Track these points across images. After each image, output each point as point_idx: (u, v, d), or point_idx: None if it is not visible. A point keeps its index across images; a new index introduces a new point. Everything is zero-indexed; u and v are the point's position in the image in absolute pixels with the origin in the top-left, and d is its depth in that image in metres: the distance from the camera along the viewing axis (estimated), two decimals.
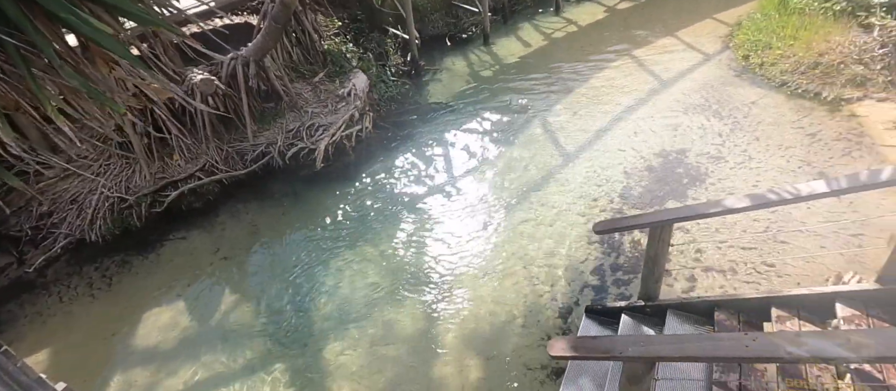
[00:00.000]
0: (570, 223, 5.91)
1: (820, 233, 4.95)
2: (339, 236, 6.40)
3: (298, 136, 7.38)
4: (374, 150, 7.87)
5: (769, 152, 6.27)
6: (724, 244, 5.13)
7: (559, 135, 7.59)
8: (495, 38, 11.32)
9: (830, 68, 7.19)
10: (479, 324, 4.98)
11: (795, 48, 7.83)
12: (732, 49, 8.93)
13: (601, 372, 3.90)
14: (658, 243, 3.71)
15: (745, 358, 2.43)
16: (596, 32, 11.00)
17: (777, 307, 3.50)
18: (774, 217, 5.28)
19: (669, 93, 8.08)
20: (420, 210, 6.65)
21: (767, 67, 7.94)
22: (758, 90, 7.61)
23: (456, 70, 10.28)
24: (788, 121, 6.75)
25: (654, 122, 7.38)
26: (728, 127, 6.92)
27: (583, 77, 9.11)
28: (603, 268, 5.29)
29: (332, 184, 7.27)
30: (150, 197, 6.78)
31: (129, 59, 1.80)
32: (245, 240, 6.59)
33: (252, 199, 7.16)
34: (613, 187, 6.30)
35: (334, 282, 5.77)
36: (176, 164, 6.98)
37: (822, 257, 4.67)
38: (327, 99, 7.89)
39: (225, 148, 7.24)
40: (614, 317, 4.27)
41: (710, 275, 4.85)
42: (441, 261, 5.81)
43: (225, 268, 6.24)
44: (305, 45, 8.25)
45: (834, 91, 6.91)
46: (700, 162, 6.37)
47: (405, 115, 8.78)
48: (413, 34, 9.90)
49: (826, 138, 6.26)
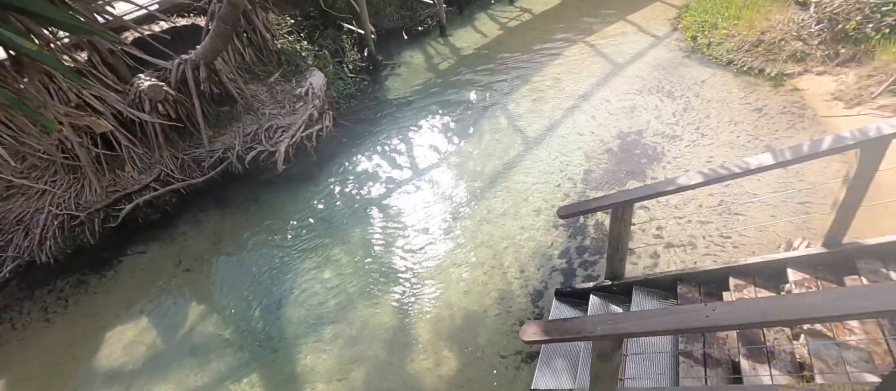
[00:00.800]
0: (535, 209, 6.00)
1: (770, 204, 5.21)
2: (305, 238, 6.29)
3: (257, 139, 7.20)
4: (336, 148, 7.76)
5: (720, 129, 6.53)
6: (682, 220, 5.33)
7: (519, 122, 7.68)
8: (452, 29, 11.31)
9: (772, 45, 7.54)
10: (453, 316, 5.01)
11: (739, 27, 8.16)
12: (681, 30, 9.23)
13: (574, 352, 3.99)
14: (620, 223, 3.83)
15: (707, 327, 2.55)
16: (550, 20, 11.14)
17: (734, 276, 3.67)
18: (728, 191, 5.51)
19: (624, 76, 8.29)
20: (386, 206, 6.62)
21: (714, 47, 8.25)
22: (707, 69, 7.90)
23: (414, 63, 10.23)
24: (736, 97, 7.04)
25: (611, 105, 7.56)
26: (681, 106, 7.16)
27: (540, 64, 9.23)
28: (569, 251, 5.41)
29: (295, 186, 7.13)
30: (103, 212, 6.48)
31: (62, 71, 1.70)
32: (208, 250, 6.39)
33: (213, 207, 6.95)
34: (575, 171, 6.43)
35: (303, 284, 5.68)
36: (128, 175, 6.69)
37: (773, 226, 4.91)
38: (285, 99, 7.71)
39: (180, 156, 6.99)
40: (583, 297, 4.38)
41: (671, 250, 5.03)
42: (410, 255, 5.80)
43: (188, 280, 6.04)
44: (257, 44, 8.03)
45: (776, 67, 7.25)
46: (656, 141, 6.58)
47: (365, 111, 8.68)
48: (368, 29, 9.78)
49: (771, 112, 6.56)
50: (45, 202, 6.37)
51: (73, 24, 1.68)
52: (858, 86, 6.29)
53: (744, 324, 2.33)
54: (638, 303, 3.99)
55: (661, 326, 2.50)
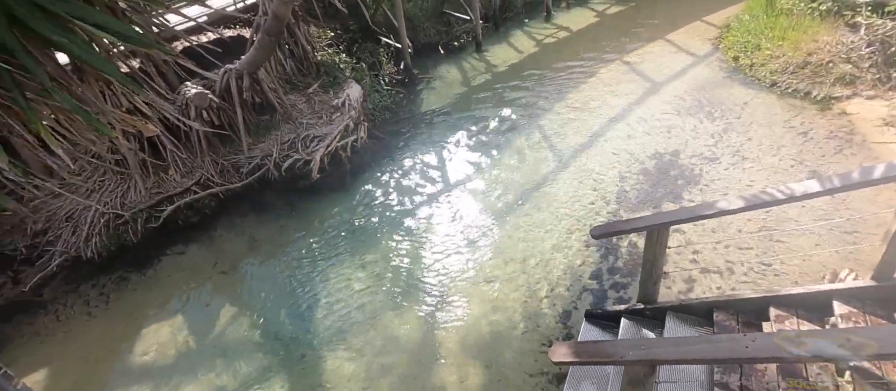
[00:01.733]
0: (566, 228, 5.93)
1: (815, 232, 5.00)
2: (337, 246, 6.39)
3: (294, 148, 7.39)
4: (370, 159, 7.88)
5: (762, 152, 6.33)
6: (720, 245, 5.17)
7: (554, 139, 7.63)
8: (487, 45, 11.39)
9: (819, 67, 7.29)
10: (480, 331, 4.98)
11: (784, 48, 7.93)
12: (722, 51, 9.03)
13: (603, 376, 3.90)
14: (656, 246, 3.74)
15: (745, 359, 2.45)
16: (587, 38, 11.09)
17: (775, 306, 3.52)
18: (769, 217, 5.33)
19: (661, 95, 8.15)
20: (417, 217, 6.66)
21: (757, 68, 8.04)
22: (749, 91, 7.69)
23: (449, 78, 10.33)
24: (780, 120, 6.82)
25: (648, 125, 7.44)
26: (721, 127, 6.98)
27: (575, 82, 9.18)
28: (601, 271, 5.31)
29: (328, 194, 7.26)
30: (146, 212, 6.75)
31: (120, 79, 1.81)
32: (243, 254, 6.56)
33: (249, 212, 7.15)
34: (609, 190, 6.33)
35: (333, 292, 5.76)
36: (171, 178, 6.96)
37: (817, 255, 4.71)
38: (322, 109, 7.90)
39: (220, 161, 7.24)
40: (614, 320, 4.28)
41: (707, 276, 4.88)
42: (439, 268, 5.81)
43: (223, 282, 6.21)
44: (299, 56, 8.27)
45: (824, 90, 7.00)
46: (694, 163, 6.42)
47: (400, 123, 8.80)
48: (405, 43, 9.95)
49: (818, 137, 6.33)
50: (93, 201, 6.68)
51: (134, 37, 1.78)
52: None
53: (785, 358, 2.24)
54: (671, 329, 3.87)
55: (698, 355, 2.43)
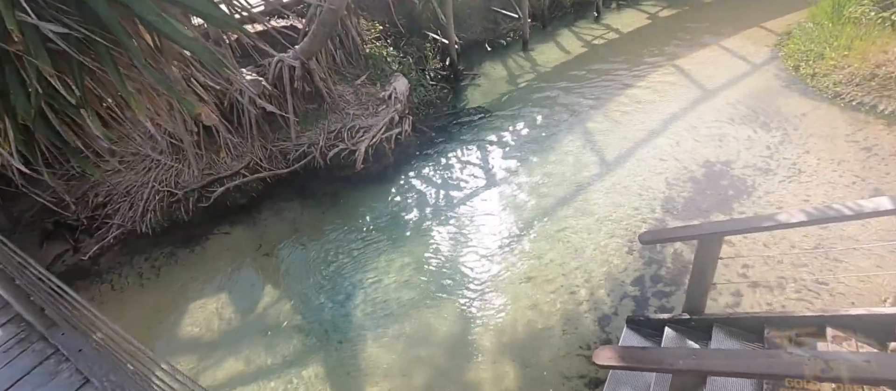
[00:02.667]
0: (609, 232, 5.84)
1: (876, 252, 4.76)
2: (377, 236, 6.49)
3: (339, 138, 7.54)
4: (413, 152, 7.96)
5: (821, 166, 6.06)
6: (772, 260, 4.98)
7: (599, 143, 7.52)
8: (534, 44, 11.29)
9: (888, 80, 6.90)
10: (516, 330, 4.98)
11: (850, 59, 7.54)
12: (781, 59, 8.66)
13: (642, 384, 3.83)
14: (707, 256, 3.64)
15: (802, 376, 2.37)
16: (637, 40, 10.84)
17: (832, 326, 3.37)
18: (826, 233, 5.10)
19: (714, 102, 7.89)
20: (458, 213, 6.69)
21: (819, 78, 7.67)
22: (809, 102, 7.36)
23: (495, 75, 10.30)
24: (842, 134, 6.51)
25: (698, 132, 7.22)
26: (776, 139, 6.71)
27: (624, 85, 9.00)
28: (643, 279, 5.21)
29: (371, 185, 7.38)
30: (198, 192, 7.04)
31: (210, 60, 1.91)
32: (286, 238, 6.76)
33: (294, 198, 7.35)
34: (655, 197, 6.20)
35: (372, 281, 5.86)
36: (223, 161, 7.23)
37: (878, 277, 4.48)
38: (368, 101, 8.03)
39: (269, 147, 7.46)
40: (657, 329, 4.19)
41: (756, 290, 4.72)
42: (478, 265, 5.83)
43: (266, 264, 6.42)
44: (349, 48, 8.43)
45: (892, 104, 6.63)
46: (746, 174, 6.21)
47: (444, 118, 8.85)
48: (452, 39, 9.97)
49: (883, 153, 6.00)
50: (150, 178, 7.01)
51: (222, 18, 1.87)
52: None
53: (846, 378, 2.15)
54: (718, 342, 3.76)
55: (753, 369, 2.37)
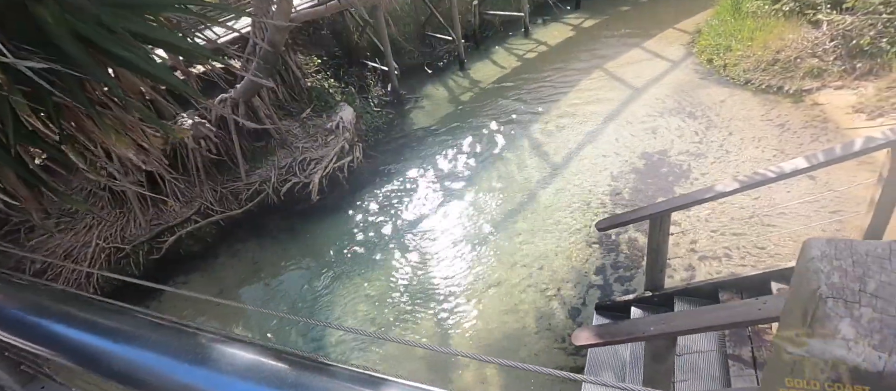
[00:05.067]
0: (567, 229, 6.12)
1: (802, 214, 5.27)
2: (342, 265, 6.45)
3: (292, 172, 7.48)
4: (367, 178, 8.01)
5: (744, 145, 6.65)
6: (715, 233, 5.40)
7: (544, 147, 7.88)
8: (471, 63, 11.72)
9: (788, 63, 7.72)
10: (493, 334, 5.09)
11: (754, 48, 8.37)
12: (696, 54, 9.48)
13: (620, 364, 4.04)
14: (659, 233, 3.93)
15: (759, 319, 2.62)
16: (565, 51, 11.50)
17: (776, 281, 3.73)
18: (758, 203, 5.59)
19: (643, 99, 8.50)
20: (419, 232, 6.78)
21: (730, 68, 8.46)
22: (725, 89, 8.09)
23: (437, 96, 10.58)
24: (758, 115, 7.19)
25: (634, 128, 7.74)
26: (703, 125, 7.31)
27: (559, 92, 9.50)
28: (605, 267, 5.49)
29: (329, 215, 7.35)
30: (148, 244, 6.74)
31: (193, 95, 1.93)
32: (247, 280, 6.58)
33: (251, 238, 7.18)
34: (603, 191, 6.56)
35: (342, 310, 5.81)
36: (171, 209, 6.98)
37: (807, 234, 4.96)
38: (316, 133, 8.03)
39: (219, 189, 7.28)
40: (624, 311, 4.44)
41: (706, 262, 5.10)
42: (445, 278, 5.91)
43: (229, 309, 6.20)
44: (290, 83, 8.43)
45: (794, 84, 7.41)
46: (682, 160, 6.71)
47: (393, 142, 8.97)
48: (392, 65, 10.20)
49: (794, 127, 6.68)
50: (93, 236, 6.65)
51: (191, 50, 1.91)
52: (878, 98, 6.41)
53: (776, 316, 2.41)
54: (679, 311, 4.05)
55: (715, 322, 2.60)
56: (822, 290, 0.56)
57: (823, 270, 0.57)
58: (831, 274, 0.57)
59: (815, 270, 0.58)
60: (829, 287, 0.56)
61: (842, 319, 0.53)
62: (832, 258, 0.58)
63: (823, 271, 0.57)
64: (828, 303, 0.55)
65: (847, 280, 0.56)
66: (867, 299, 0.54)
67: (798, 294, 0.62)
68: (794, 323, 0.63)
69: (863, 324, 0.52)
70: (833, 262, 0.58)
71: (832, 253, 0.59)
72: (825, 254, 0.59)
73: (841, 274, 0.57)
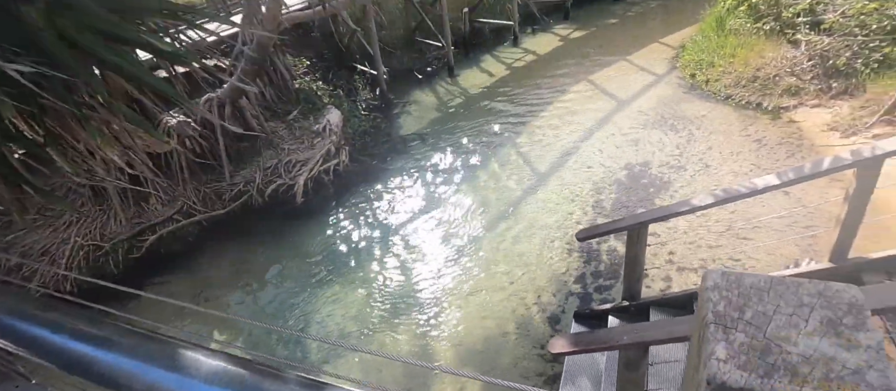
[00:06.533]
0: (549, 237, 6.20)
1: (776, 228, 5.42)
2: (325, 269, 6.45)
3: (277, 173, 7.47)
4: (353, 182, 8.02)
5: (723, 159, 6.82)
6: (692, 245, 5.53)
7: (530, 156, 7.97)
8: (459, 70, 11.81)
9: (767, 81, 7.93)
10: (473, 340, 5.13)
11: (735, 65, 8.59)
12: (679, 68, 9.68)
13: (596, 371, 4.11)
14: (636, 244, 4.02)
15: None
16: (554, 60, 11.65)
17: None
18: (734, 217, 5.74)
19: (627, 111, 8.65)
20: (402, 236, 6.81)
21: (712, 83, 8.66)
22: (706, 104, 8.27)
23: (425, 102, 10.64)
24: (736, 130, 7.37)
25: (617, 139, 7.88)
26: (684, 139, 7.47)
27: (546, 102, 9.63)
28: (585, 276, 5.57)
29: (313, 218, 7.34)
30: (127, 243, 6.67)
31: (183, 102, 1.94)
32: (228, 281, 6.54)
33: (233, 239, 7.14)
34: (586, 200, 6.67)
35: (324, 314, 5.81)
36: (152, 207, 6.92)
37: (780, 248, 5.11)
38: (303, 135, 8.03)
39: (202, 189, 7.24)
40: (601, 319, 4.52)
41: (683, 273, 5.21)
42: (429, 284, 5.95)
43: (209, 310, 6.16)
44: (278, 84, 8.42)
45: (773, 101, 7.62)
46: (663, 172, 6.85)
47: (380, 146, 9.00)
48: (381, 70, 10.24)
49: (771, 143, 6.87)
50: (71, 233, 6.57)
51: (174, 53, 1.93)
52: (852, 116, 6.62)
53: None
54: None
55: (684, 333, 2.67)
56: (709, 317, 0.63)
57: (713, 299, 0.64)
58: (719, 303, 0.64)
59: (707, 299, 0.65)
60: (714, 314, 0.63)
61: (718, 342, 0.61)
62: (722, 288, 0.65)
63: (713, 300, 0.64)
64: (710, 328, 0.62)
65: (730, 308, 0.63)
66: (743, 326, 0.62)
67: (697, 319, 0.70)
68: (693, 345, 0.71)
69: (734, 347, 0.60)
70: (722, 292, 0.65)
71: (723, 284, 0.66)
72: (717, 284, 0.66)
73: (726, 303, 0.64)
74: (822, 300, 0.62)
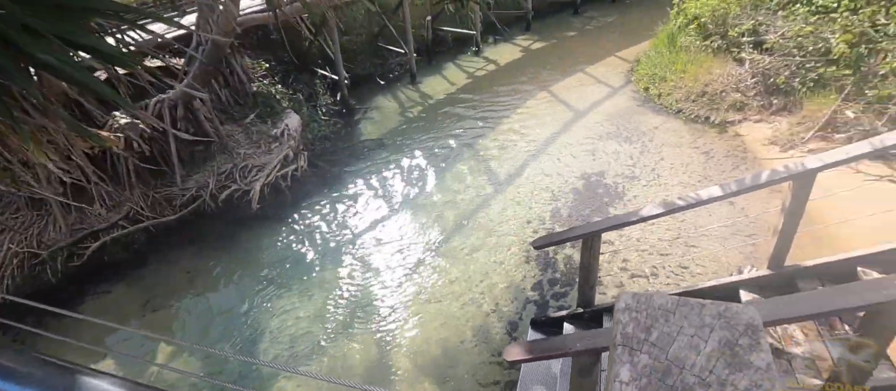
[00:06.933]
0: (507, 245, 6.27)
1: (721, 236, 5.67)
2: (280, 276, 6.29)
3: (231, 178, 7.25)
4: (311, 188, 7.87)
5: (673, 170, 7.09)
6: (644, 253, 5.71)
7: (489, 164, 8.06)
8: (422, 77, 11.83)
9: (715, 96, 8.32)
10: (431, 349, 5.11)
11: (685, 80, 8.97)
12: (634, 82, 10.03)
13: (551, 378, 4.17)
14: (590, 253, 4.12)
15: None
16: (515, 70, 11.85)
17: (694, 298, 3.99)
18: (683, 226, 5.97)
19: (584, 122, 8.88)
20: (360, 244, 6.73)
21: (664, 97, 9.01)
22: (659, 117, 8.59)
23: (386, 108, 10.59)
24: (687, 142, 7.69)
25: (574, 149, 8.07)
26: (637, 150, 7.73)
27: (506, 111, 9.77)
28: (541, 283, 5.66)
29: (269, 224, 7.16)
30: (67, 250, 6.30)
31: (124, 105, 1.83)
32: (177, 290, 6.28)
33: (184, 246, 6.86)
34: (544, 209, 6.78)
35: (278, 322, 5.66)
36: (96, 212, 6.57)
37: (725, 256, 5.35)
38: (260, 139, 7.84)
39: (151, 194, 6.94)
40: (557, 326, 4.60)
41: (635, 280, 5.37)
42: (387, 292, 5.90)
43: (157, 320, 5.90)
44: (234, 86, 8.19)
45: (720, 115, 7.99)
46: (617, 182, 7.06)
47: (339, 152, 8.89)
48: (342, 74, 10.13)
49: (718, 155, 7.20)
50: (3, 240, 6.15)
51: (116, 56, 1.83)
52: (790, 132, 7.03)
53: None
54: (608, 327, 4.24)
55: None
56: (617, 338, 0.65)
57: (623, 321, 0.66)
58: (628, 324, 0.66)
59: (618, 320, 0.67)
60: (622, 336, 0.65)
61: (624, 365, 0.62)
62: (633, 310, 0.67)
63: (622, 322, 0.66)
64: (618, 350, 0.64)
65: (637, 330, 0.65)
66: (648, 347, 0.63)
67: (612, 340, 0.72)
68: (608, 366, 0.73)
69: (638, 369, 0.62)
70: (632, 314, 0.67)
71: (634, 305, 0.68)
72: (628, 306, 0.68)
73: (635, 324, 0.66)
74: (722, 321, 0.64)
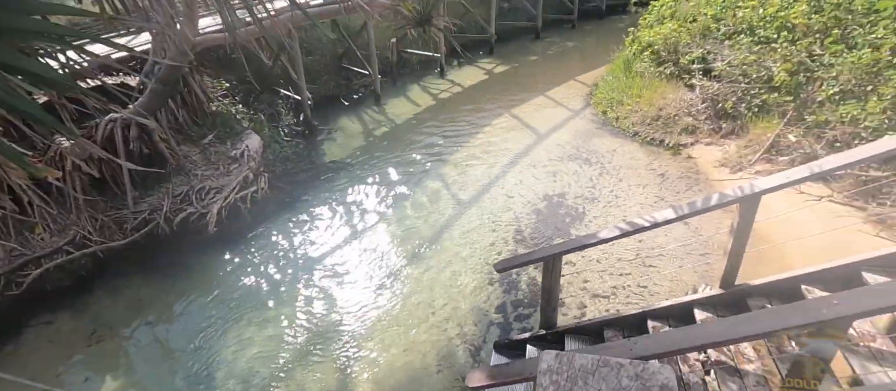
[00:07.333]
0: (471, 268, 6.28)
1: (677, 256, 5.86)
2: (237, 304, 6.07)
3: (187, 201, 7.00)
4: (272, 210, 7.69)
5: (631, 191, 7.31)
6: (604, 273, 5.83)
7: (452, 187, 8.10)
8: (386, 98, 11.85)
9: (668, 120, 8.68)
10: (395, 375, 5.02)
11: (641, 104, 9.33)
12: (593, 105, 10.35)
13: None
14: (551, 275, 4.18)
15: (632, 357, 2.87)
16: (478, 93, 12.04)
17: (652, 319, 4.09)
18: (641, 246, 6.13)
19: (546, 144, 9.08)
20: (322, 268, 6.60)
21: (622, 120, 9.33)
22: (617, 139, 8.88)
23: (350, 129, 10.53)
24: (643, 164, 7.96)
25: (536, 171, 8.22)
26: (597, 172, 7.95)
27: (470, 133, 9.88)
28: (505, 305, 5.68)
29: (226, 248, 6.92)
30: (5, 278, 5.90)
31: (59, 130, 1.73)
32: (127, 319, 5.96)
33: (134, 272, 6.54)
34: (507, 230, 6.85)
35: (235, 354, 5.44)
36: (38, 238, 6.20)
37: (681, 275, 5.52)
38: (219, 161, 7.63)
39: (100, 217, 6.61)
40: (520, 348, 4.61)
41: (597, 300, 5.46)
42: (348, 317, 5.78)
43: (103, 352, 5.57)
44: (192, 106, 7.97)
45: (673, 138, 8.33)
46: (578, 203, 7.21)
47: (301, 174, 8.74)
48: (305, 95, 10.03)
49: (672, 177, 7.48)
50: None
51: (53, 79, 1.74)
52: (739, 154, 7.39)
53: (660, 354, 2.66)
54: (570, 349, 4.28)
55: None
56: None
57: (543, 384, 0.67)
58: (548, 387, 0.67)
59: (540, 383, 0.68)
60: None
61: None
62: (554, 372, 0.69)
63: (543, 385, 0.67)
64: None
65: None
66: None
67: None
68: None
69: None
70: (552, 376, 0.68)
71: (556, 366, 0.69)
72: (550, 367, 0.69)
73: (555, 387, 0.67)
74: (639, 383, 0.66)
